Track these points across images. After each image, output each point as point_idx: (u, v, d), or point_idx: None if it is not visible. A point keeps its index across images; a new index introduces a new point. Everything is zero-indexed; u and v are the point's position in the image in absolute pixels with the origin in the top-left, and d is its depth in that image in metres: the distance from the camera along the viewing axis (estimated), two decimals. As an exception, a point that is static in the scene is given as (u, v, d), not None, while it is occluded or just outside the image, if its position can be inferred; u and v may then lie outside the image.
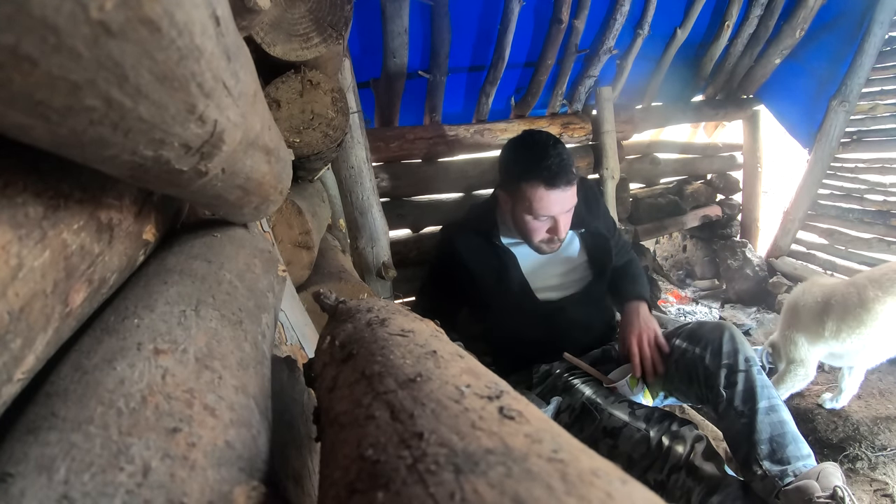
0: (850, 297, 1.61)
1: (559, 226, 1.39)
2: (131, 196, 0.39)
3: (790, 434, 1.11)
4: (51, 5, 0.16)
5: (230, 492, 0.27)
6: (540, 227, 1.40)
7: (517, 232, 1.48)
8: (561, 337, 1.47)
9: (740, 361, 1.18)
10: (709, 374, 1.21)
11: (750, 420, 1.12)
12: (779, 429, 1.11)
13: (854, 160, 2.80)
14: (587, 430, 1.25)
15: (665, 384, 1.35)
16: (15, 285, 0.24)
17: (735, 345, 1.21)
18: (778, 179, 4.14)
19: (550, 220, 1.39)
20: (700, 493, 1.07)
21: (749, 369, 1.17)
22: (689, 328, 1.32)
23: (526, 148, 1.39)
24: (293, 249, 1.02)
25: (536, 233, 1.41)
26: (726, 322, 1.30)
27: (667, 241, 3.59)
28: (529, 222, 1.40)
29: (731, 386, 1.16)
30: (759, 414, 1.11)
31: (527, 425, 0.22)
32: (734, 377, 1.17)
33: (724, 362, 1.19)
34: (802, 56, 2.80)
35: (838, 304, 1.62)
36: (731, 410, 1.15)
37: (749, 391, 1.15)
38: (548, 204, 1.34)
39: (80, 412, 0.26)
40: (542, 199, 1.33)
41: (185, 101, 0.25)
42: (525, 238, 1.47)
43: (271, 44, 0.82)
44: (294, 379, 0.53)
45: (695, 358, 1.25)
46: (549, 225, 1.40)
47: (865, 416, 1.78)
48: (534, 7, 2.09)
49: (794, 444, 1.10)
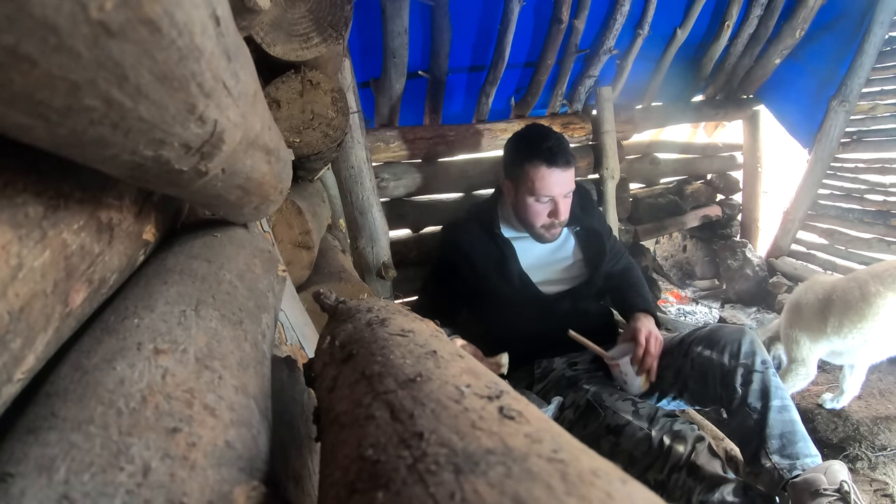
0: (851, 292, 1.62)
1: (559, 209, 1.47)
2: (131, 196, 0.39)
3: (800, 433, 1.15)
4: (51, 5, 0.16)
5: (230, 492, 0.27)
6: (542, 211, 1.48)
7: (519, 220, 1.55)
8: (560, 330, 1.48)
9: (757, 363, 1.22)
10: (725, 373, 1.24)
11: (762, 416, 1.16)
12: (790, 426, 1.15)
13: (854, 160, 2.80)
14: (590, 427, 1.26)
15: (677, 385, 1.36)
16: (15, 285, 0.24)
17: (754, 348, 1.25)
18: (778, 179, 4.14)
19: (551, 202, 1.47)
20: (700, 492, 1.08)
21: (765, 371, 1.21)
22: (708, 330, 1.34)
23: (528, 135, 1.52)
24: (293, 249, 1.02)
25: (538, 216, 1.49)
26: (745, 327, 1.34)
27: (667, 241, 3.59)
28: (532, 205, 1.47)
29: (747, 384, 1.20)
30: (772, 411, 1.15)
31: (527, 425, 0.22)
32: (750, 377, 1.20)
33: (741, 362, 1.23)
34: (802, 56, 2.80)
35: (840, 300, 1.63)
36: (744, 407, 1.19)
37: (764, 390, 1.18)
38: (549, 183, 1.43)
39: (80, 412, 0.26)
40: (543, 178, 1.43)
41: (185, 101, 0.25)
42: (527, 225, 1.53)
43: (271, 44, 0.82)
44: (294, 379, 0.53)
45: (712, 359, 1.27)
46: (549, 208, 1.48)
47: (865, 416, 1.78)
48: (534, 7, 2.09)
49: (803, 443, 1.13)
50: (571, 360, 1.50)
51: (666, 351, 1.40)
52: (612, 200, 2.47)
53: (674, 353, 1.37)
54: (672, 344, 1.40)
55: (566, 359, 1.51)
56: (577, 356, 1.51)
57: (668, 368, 1.37)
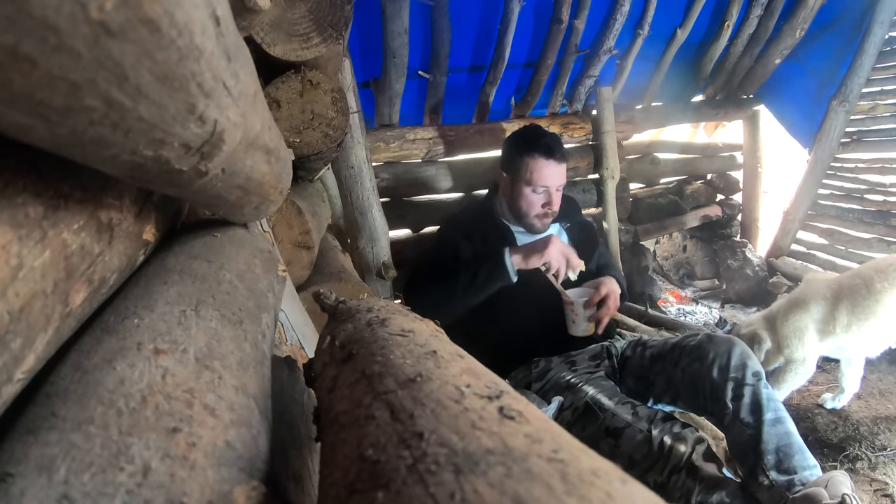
0: (858, 290, 1.64)
1: (553, 199, 1.61)
2: (131, 196, 0.39)
3: (796, 445, 1.11)
4: (51, 5, 0.16)
5: (230, 492, 0.27)
6: (536, 201, 1.60)
7: (514, 212, 1.66)
8: (556, 322, 1.49)
9: (748, 376, 1.20)
10: (715, 387, 1.22)
11: (756, 431, 1.13)
12: (785, 439, 1.11)
13: (854, 160, 2.80)
14: (589, 430, 1.25)
15: (669, 392, 1.36)
16: (15, 285, 0.24)
17: (744, 359, 1.23)
18: (778, 179, 4.14)
19: (545, 194, 1.60)
20: (699, 493, 1.07)
21: (757, 384, 1.19)
22: (697, 341, 1.33)
23: (526, 132, 1.67)
24: (293, 249, 1.02)
25: (533, 206, 1.61)
26: (735, 337, 1.32)
27: (667, 241, 3.58)
28: (528, 195, 1.60)
29: (738, 399, 1.17)
30: (766, 425, 1.12)
31: (527, 425, 0.22)
32: (741, 390, 1.18)
33: (731, 375, 1.20)
34: (802, 56, 2.80)
35: (848, 298, 1.65)
36: (737, 422, 1.16)
37: (756, 403, 1.16)
38: (545, 175, 1.57)
39: (80, 412, 0.26)
40: (541, 170, 1.57)
41: (185, 101, 0.25)
42: (521, 215, 1.63)
43: (271, 44, 0.82)
44: (294, 379, 0.53)
45: (702, 370, 1.26)
46: (544, 199, 1.60)
47: (865, 416, 1.78)
48: (534, 7, 2.09)
49: (800, 455, 1.10)
50: (569, 359, 1.50)
51: (657, 356, 1.40)
52: (612, 200, 2.47)
53: (665, 360, 1.37)
54: (664, 349, 1.40)
55: (564, 358, 1.51)
56: (575, 355, 1.51)
57: (659, 375, 1.38)
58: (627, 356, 1.51)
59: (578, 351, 1.52)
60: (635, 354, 1.49)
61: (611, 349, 1.54)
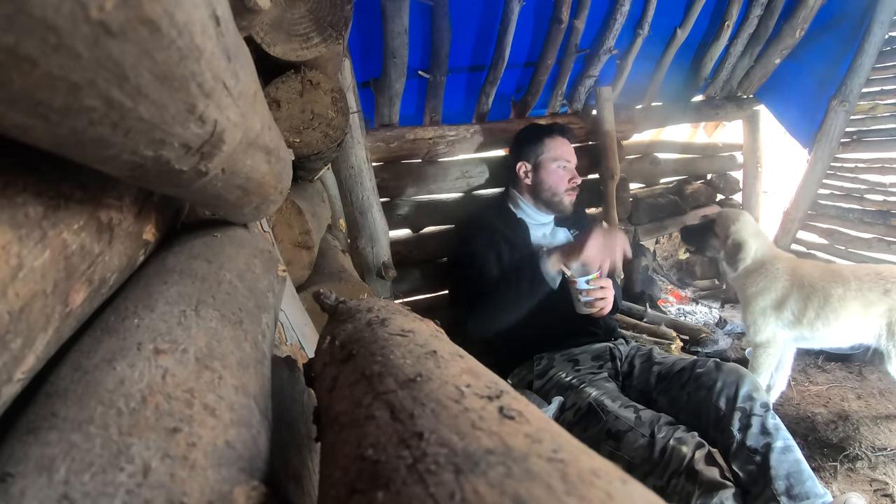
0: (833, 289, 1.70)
1: (576, 175, 1.79)
2: (131, 196, 0.39)
3: (806, 472, 1.11)
4: (51, 5, 0.16)
5: (230, 492, 0.27)
6: (564, 176, 1.76)
7: (542, 196, 1.76)
8: (563, 319, 1.49)
9: (756, 407, 1.19)
10: (720, 417, 1.21)
11: (764, 458, 1.12)
12: (795, 466, 1.11)
13: (854, 160, 2.80)
14: (591, 431, 1.25)
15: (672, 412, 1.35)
16: (15, 285, 0.24)
17: (752, 392, 1.22)
18: (778, 179, 4.14)
19: (569, 170, 1.77)
20: (698, 497, 1.07)
21: (765, 414, 1.18)
22: (707, 367, 1.32)
23: (535, 125, 1.92)
24: (293, 249, 1.02)
25: (562, 181, 1.75)
26: (743, 368, 1.31)
27: (667, 241, 3.58)
28: (555, 171, 1.76)
29: (746, 428, 1.17)
30: (775, 452, 1.12)
31: (527, 425, 0.22)
32: (749, 420, 1.18)
33: (738, 405, 1.20)
34: (802, 56, 2.80)
35: (820, 296, 1.71)
36: (743, 450, 1.15)
37: (764, 432, 1.15)
38: (566, 151, 1.79)
39: (80, 412, 0.26)
40: (563, 146, 1.79)
41: (185, 101, 0.25)
42: (552, 194, 1.75)
43: (271, 44, 0.82)
44: (294, 379, 0.53)
45: (708, 398, 1.25)
46: (570, 175, 1.77)
47: (865, 416, 1.78)
48: (534, 7, 2.09)
49: (811, 482, 1.09)
50: (572, 358, 1.50)
51: (664, 376, 1.40)
52: (612, 200, 2.47)
53: (671, 381, 1.37)
54: (671, 371, 1.40)
55: (566, 356, 1.51)
56: (577, 353, 1.51)
57: (663, 395, 1.37)
58: (633, 367, 1.50)
59: (581, 349, 1.52)
60: (642, 368, 1.48)
61: (614, 351, 1.54)
